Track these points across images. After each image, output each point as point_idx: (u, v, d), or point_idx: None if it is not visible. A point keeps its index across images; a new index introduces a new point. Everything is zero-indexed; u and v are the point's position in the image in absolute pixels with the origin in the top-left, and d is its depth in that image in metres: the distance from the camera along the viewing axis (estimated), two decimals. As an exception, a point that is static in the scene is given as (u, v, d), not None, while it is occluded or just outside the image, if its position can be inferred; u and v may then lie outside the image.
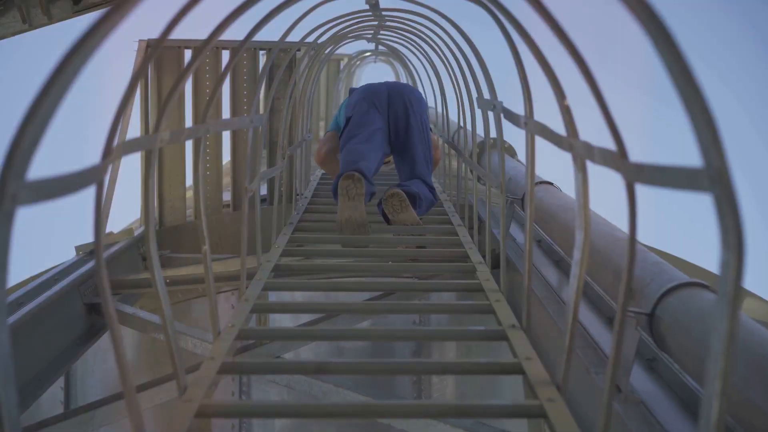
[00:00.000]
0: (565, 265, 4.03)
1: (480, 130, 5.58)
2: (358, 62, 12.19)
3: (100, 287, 1.57)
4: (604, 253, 3.18)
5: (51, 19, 5.56)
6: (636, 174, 1.53)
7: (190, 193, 7.21)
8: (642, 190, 1.72)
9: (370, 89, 5.00)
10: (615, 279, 3.13)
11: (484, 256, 3.79)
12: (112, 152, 1.61)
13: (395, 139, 4.85)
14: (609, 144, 1.89)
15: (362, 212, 4.14)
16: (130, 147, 1.84)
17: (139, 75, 1.75)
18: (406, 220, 4.28)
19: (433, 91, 6.63)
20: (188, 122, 6.63)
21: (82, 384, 5.80)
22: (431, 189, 4.67)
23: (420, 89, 8.14)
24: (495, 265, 3.90)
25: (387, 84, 5.06)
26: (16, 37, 5.81)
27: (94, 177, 1.50)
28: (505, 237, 3.33)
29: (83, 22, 5.85)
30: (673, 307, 2.41)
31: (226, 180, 7.74)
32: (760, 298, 6.01)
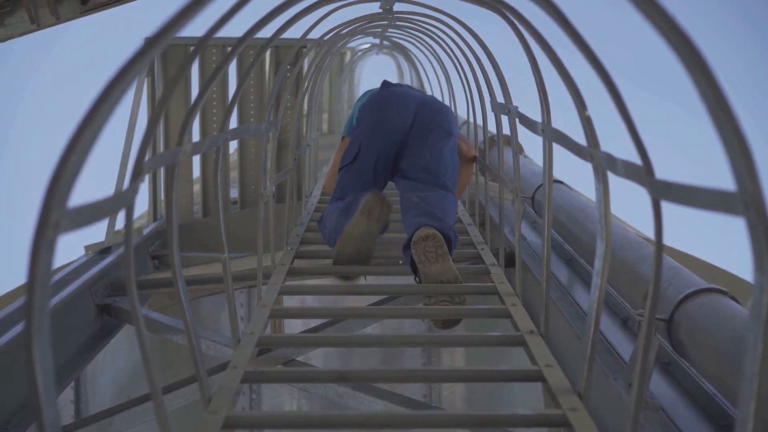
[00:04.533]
0: (576, 264, 4.05)
1: (488, 128, 5.59)
2: (359, 54, 12.17)
3: (132, 310, 1.59)
4: (618, 256, 3.20)
5: (58, 19, 5.57)
6: (663, 192, 1.54)
7: (196, 188, 7.22)
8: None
9: (392, 105, 3.94)
10: (629, 281, 3.15)
11: (495, 256, 3.79)
12: (141, 173, 1.62)
13: (407, 163, 3.84)
14: (626, 152, 1.91)
15: (374, 239, 3.39)
16: (155, 164, 1.85)
17: (169, 92, 1.76)
18: (441, 273, 3.17)
19: (440, 88, 6.64)
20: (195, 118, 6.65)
21: (92, 384, 5.83)
22: (454, 202, 3.79)
23: (427, 86, 8.13)
24: (506, 265, 3.91)
25: (416, 101, 3.97)
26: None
27: (126, 200, 1.51)
28: (519, 238, 3.34)
29: (90, 21, 5.86)
30: (692, 312, 2.42)
31: (233, 174, 7.76)
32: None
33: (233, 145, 7.88)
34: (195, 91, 6.67)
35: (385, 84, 4.21)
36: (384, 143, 3.84)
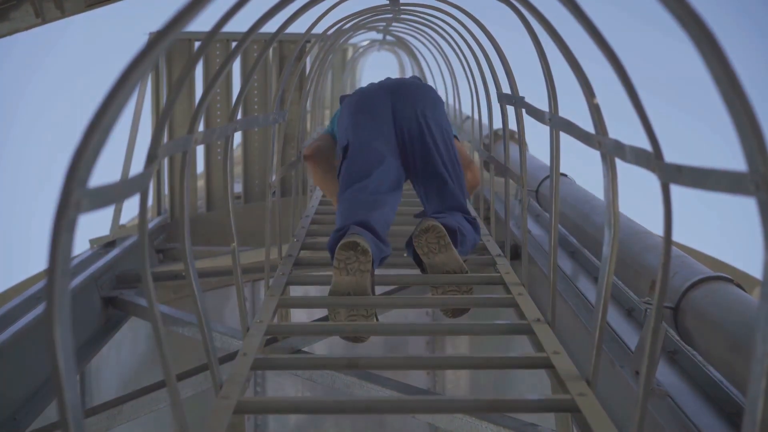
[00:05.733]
0: (580, 256, 4.07)
1: (492, 122, 5.60)
2: (361, 50, 12.19)
3: (148, 302, 1.60)
4: (624, 246, 3.22)
5: (64, 13, 5.59)
6: (673, 175, 1.55)
7: (200, 183, 7.24)
8: (646, 182, 1.75)
9: (367, 99, 3.68)
10: (635, 271, 3.17)
11: (500, 248, 3.81)
12: (156, 159, 1.64)
13: (411, 162, 3.59)
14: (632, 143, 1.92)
15: (366, 286, 2.96)
16: (168, 150, 1.87)
17: (182, 81, 1.77)
18: (446, 263, 3.14)
19: (444, 81, 6.65)
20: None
21: (97, 376, 5.85)
22: (472, 221, 3.47)
23: (430, 80, 8.14)
24: (511, 258, 3.93)
25: (387, 88, 3.72)
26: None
27: (140, 184, 1.53)
28: (525, 228, 3.35)
29: (95, 15, 5.88)
30: (698, 300, 2.44)
31: (237, 170, 7.78)
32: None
33: (237, 141, 7.90)
34: (198, 84, 6.69)
35: (343, 97, 3.99)
36: (372, 129, 3.56)
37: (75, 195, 1.22)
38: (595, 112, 2.11)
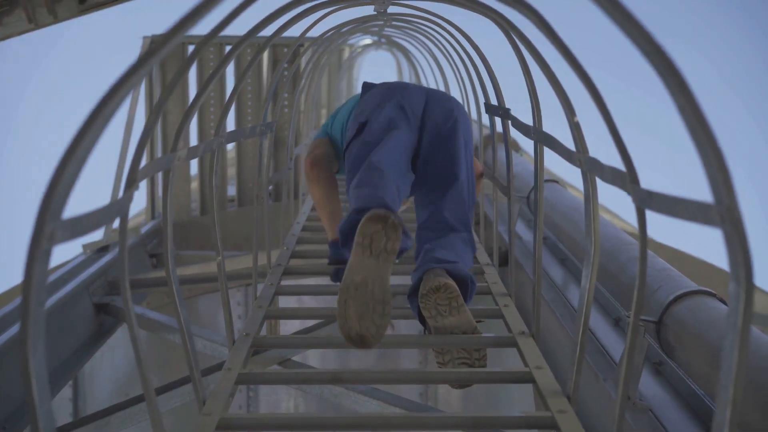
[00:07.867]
0: (570, 264, 4.08)
1: (482, 129, 5.62)
2: (359, 50, 12.18)
3: (128, 320, 1.62)
4: (611, 257, 3.23)
5: (56, 18, 5.59)
6: (645, 200, 1.57)
7: (194, 186, 7.25)
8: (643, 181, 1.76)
9: (400, 86, 3.25)
10: (621, 282, 3.18)
11: (489, 255, 3.82)
12: (135, 182, 1.66)
13: (424, 165, 3.07)
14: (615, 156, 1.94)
15: (386, 281, 2.47)
16: (149, 171, 1.88)
17: (163, 100, 1.79)
18: (457, 326, 2.62)
19: (437, 85, 6.67)
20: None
21: (90, 382, 5.86)
22: (472, 246, 3.01)
23: (423, 83, 8.16)
24: (501, 263, 3.94)
25: (424, 88, 3.30)
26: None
27: (120, 209, 1.54)
28: (513, 240, 3.37)
29: (88, 21, 5.89)
30: (680, 315, 2.46)
31: (231, 171, 7.79)
32: (762, 290, 6.05)
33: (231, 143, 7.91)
34: (192, 89, 6.70)
35: (370, 84, 3.45)
36: (399, 113, 3.07)
37: (48, 227, 1.23)
38: (576, 130, 2.12)
